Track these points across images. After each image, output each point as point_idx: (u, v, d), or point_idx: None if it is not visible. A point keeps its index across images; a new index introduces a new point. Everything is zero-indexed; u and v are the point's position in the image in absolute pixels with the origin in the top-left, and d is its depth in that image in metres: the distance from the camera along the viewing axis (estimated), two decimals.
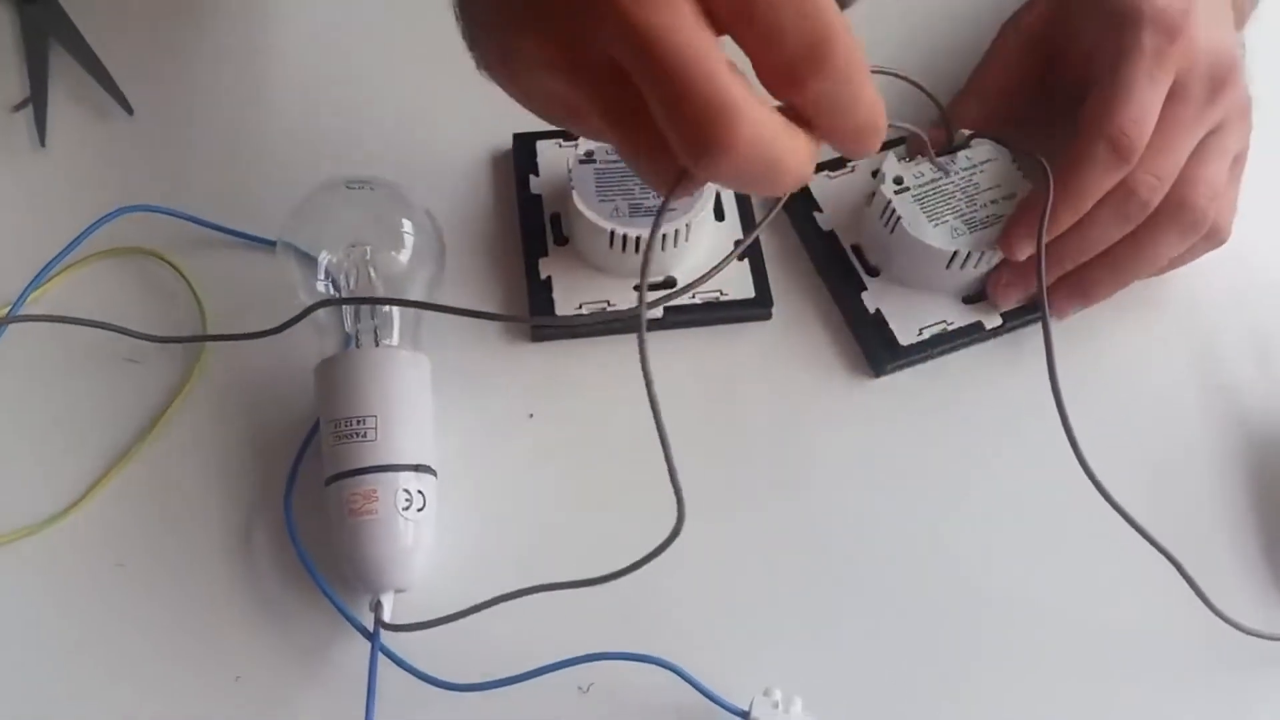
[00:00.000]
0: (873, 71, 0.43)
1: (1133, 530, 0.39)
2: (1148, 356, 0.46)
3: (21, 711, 0.38)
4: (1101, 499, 0.39)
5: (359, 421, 0.38)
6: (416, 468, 0.38)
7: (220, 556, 0.41)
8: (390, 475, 0.38)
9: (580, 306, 0.45)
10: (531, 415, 0.44)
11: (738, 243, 0.46)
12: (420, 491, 0.38)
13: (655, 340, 0.45)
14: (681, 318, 0.45)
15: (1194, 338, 0.47)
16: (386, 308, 0.41)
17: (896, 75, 0.43)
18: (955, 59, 0.50)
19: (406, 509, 0.37)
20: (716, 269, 0.41)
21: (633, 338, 0.45)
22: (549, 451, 0.43)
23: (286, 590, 0.40)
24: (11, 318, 0.44)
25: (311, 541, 0.39)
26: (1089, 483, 0.39)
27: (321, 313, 0.41)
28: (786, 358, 0.45)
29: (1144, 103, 0.41)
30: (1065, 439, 0.39)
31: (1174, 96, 0.41)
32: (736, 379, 0.45)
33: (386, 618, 0.37)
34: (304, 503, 0.40)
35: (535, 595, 0.36)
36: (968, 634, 0.40)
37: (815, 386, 0.45)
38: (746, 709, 0.36)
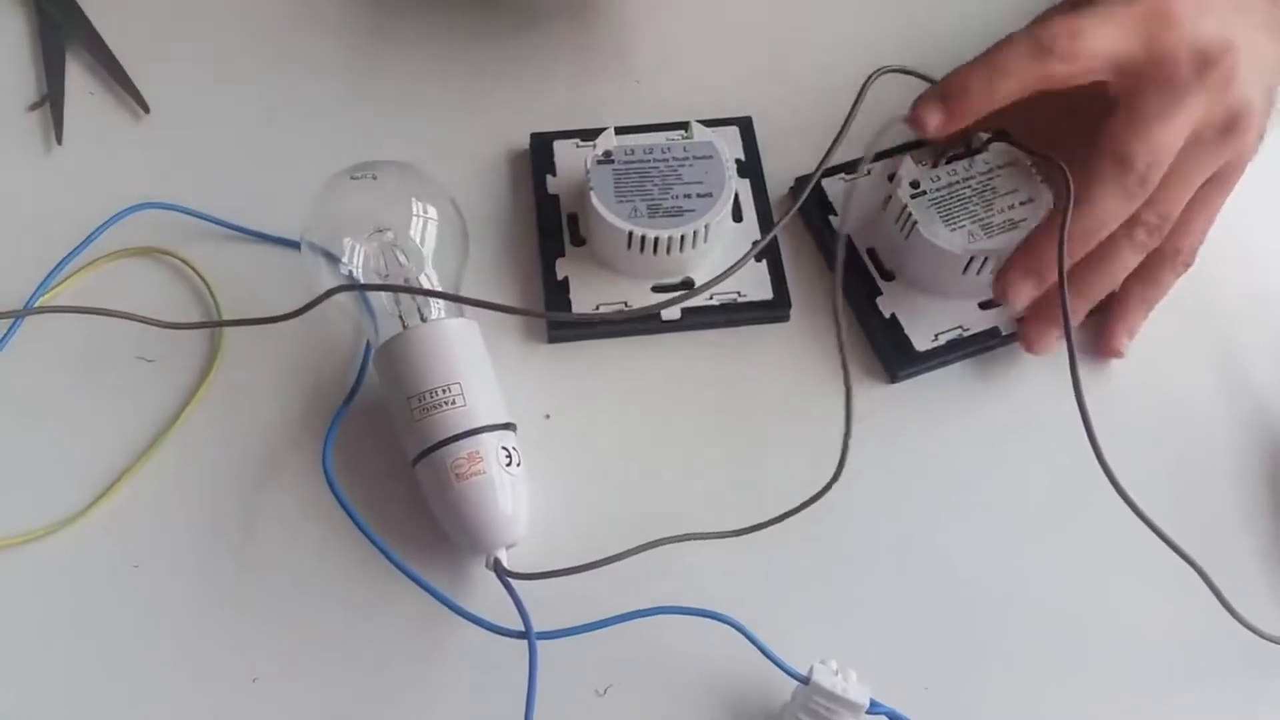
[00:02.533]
0: (892, 71, 0.44)
1: (1154, 535, 0.39)
2: (1166, 361, 0.46)
3: (36, 711, 0.38)
4: (1121, 504, 0.39)
5: (444, 390, 0.39)
6: (505, 425, 0.40)
7: (236, 557, 0.40)
8: (487, 436, 0.39)
9: (598, 307, 0.45)
10: (548, 416, 0.44)
11: (755, 243, 0.46)
12: (515, 448, 0.39)
13: (674, 341, 0.45)
14: (700, 319, 0.45)
15: (1213, 342, 0.47)
16: (426, 285, 0.42)
17: (917, 75, 0.43)
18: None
19: (508, 465, 0.39)
20: (732, 269, 0.41)
21: (649, 339, 0.46)
22: (566, 452, 0.43)
23: (305, 589, 0.40)
24: (27, 310, 0.44)
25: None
26: (1108, 487, 0.39)
27: (347, 301, 0.42)
28: (804, 359, 0.45)
29: (1167, 140, 0.40)
30: (1085, 444, 0.39)
31: (1192, 139, 0.41)
32: (755, 380, 0.45)
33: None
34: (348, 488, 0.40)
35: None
36: (989, 635, 0.40)
37: (832, 389, 0.45)
38: (807, 674, 0.36)
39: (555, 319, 0.45)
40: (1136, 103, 0.40)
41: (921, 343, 0.45)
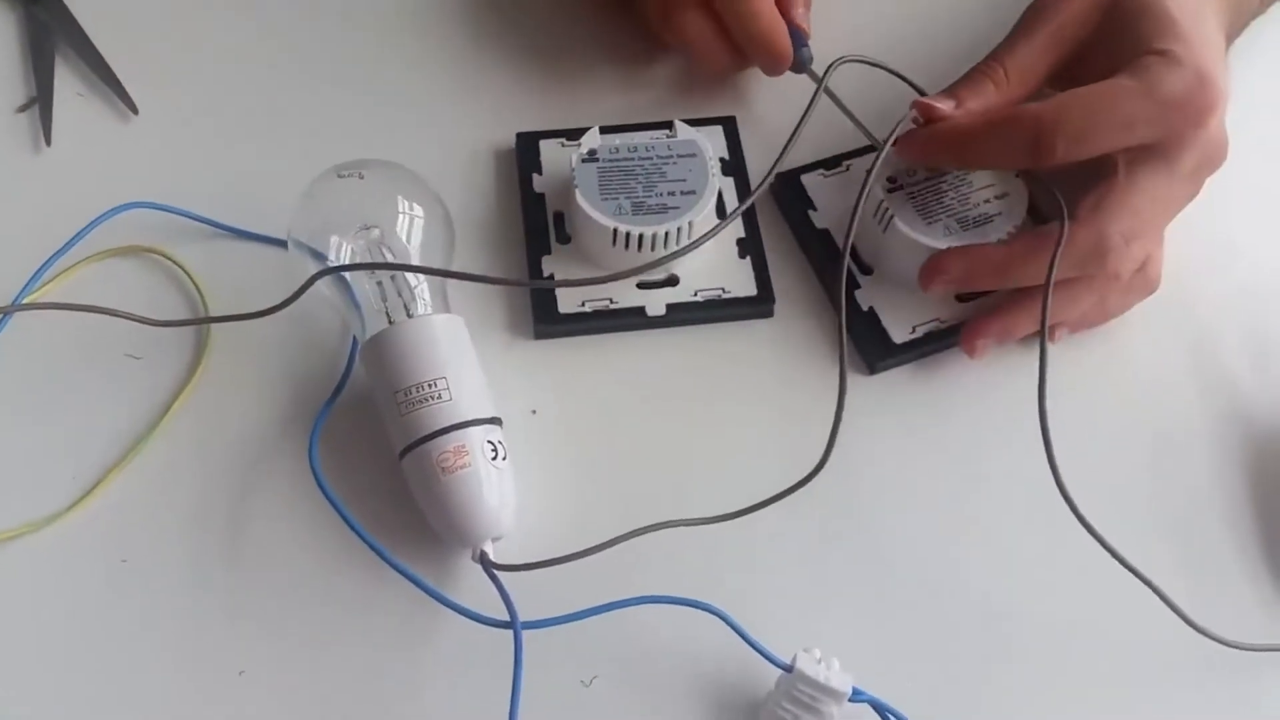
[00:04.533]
0: (849, 61, 0.45)
1: (1126, 533, 0.39)
2: (1142, 358, 0.47)
3: (24, 707, 0.38)
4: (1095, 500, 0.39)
5: (431, 385, 0.39)
6: (490, 420, 0.40)
7: (223, 551, 0.41)
8: (472, 430, 0.39)
9: (583, 304, 0.45)
10: (534, 411, 0.44)
11: (715, 227, 0.47)
12: (500, 442, 0.40)
13: (658, 337, 0.46)
14: (684, 315, 0.46)
15: (1190, 339, 0.47)
16: (413, 281, 0.42)
17: (872, 63, 0.45)
18: (945, 53, 0.50)
19: (494, 459, 0.39)
20: (689, 247, 0.43)
21: (634, 335, 0.46)
22: (552, 447, 0.43)
23: (292, 582, 0.40)
24: (14, 307, 0.44)
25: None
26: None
27: (333, 297, 0.42)
28: (788, 354, 0.46)
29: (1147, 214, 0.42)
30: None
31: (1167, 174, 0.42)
32: (740, 375, 0.45)
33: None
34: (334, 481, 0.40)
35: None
36: (970, 629, 0.41)
37: (815, 383, 0.45)
38: (790, 663, 0.37)
39: (537, 285, 0.46)
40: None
41: (899, 335, 0.45)
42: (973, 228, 0.44)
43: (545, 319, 0.45)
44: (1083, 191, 0.42)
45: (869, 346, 0.45)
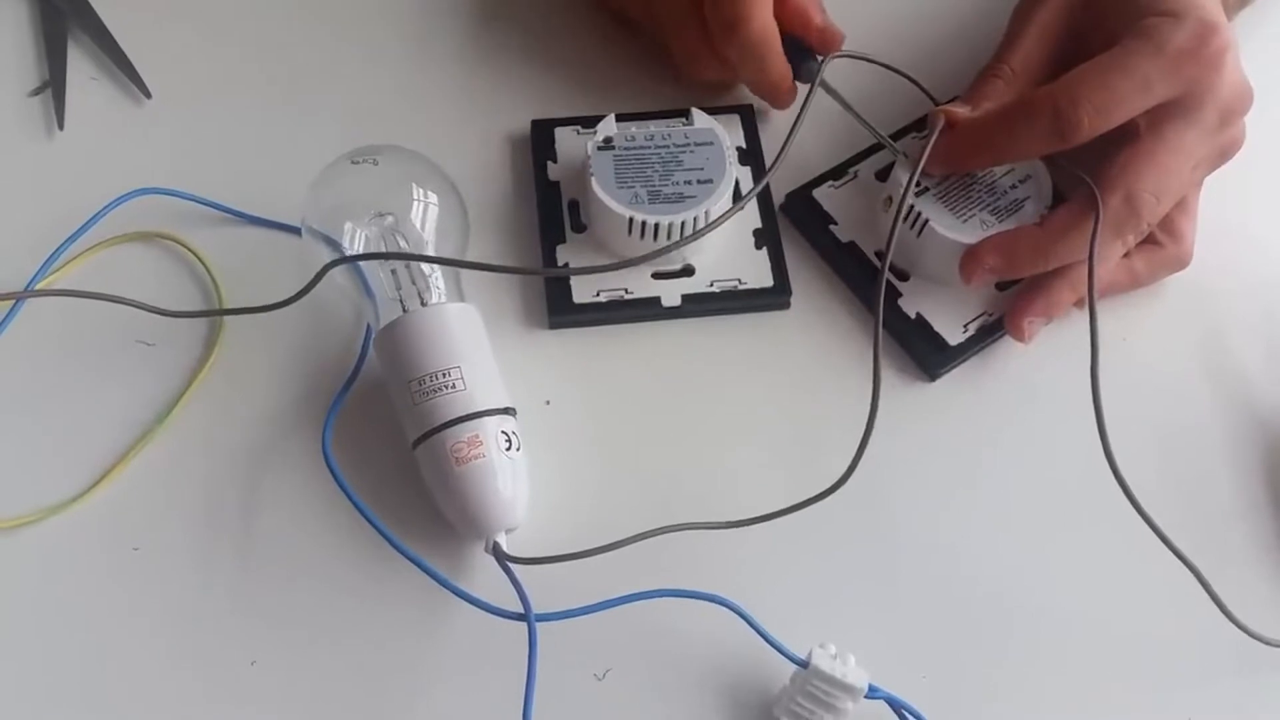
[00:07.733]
0: (840, 57, 0.45)
1: (1152, 533, 0.39)
2: (1159, 349, 0.46)
3: (34, 694, 0.38)
4: (1123, 499, 0.39)
5: (444, 374, 0.39)
6: (504, 410, 0.40)
7: (236, 541, 0.40)
8: (486, 420, 0.39)
9: (598, 294, 0.45)
10: (548, 402, 0.44)
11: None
12: (514, 432, 0.39)
13: (674, 328, 0.45)
14: (700, 306, 0.45)
15: (1205, 330, 0.46)
16: (427, 270, 0.41)
17: (858, 57, 0.45)
18: (951, 52, 0.50)
19: (507, 449, 0.39)
20: (712, 224, 0.42)
21: (649, 326, 0.46)
22: (566, 438, 0.43)
23: (304, 573, 0.40)
24: (27, 293, 0.44)
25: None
26: (1111, 482, 0.39)
27: (347, 285, 0.42)
28: (805, 347, 0.45)
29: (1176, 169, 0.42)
30: (1091, 442, 0.39)
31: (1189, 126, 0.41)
32: (755, 368, 0.45)
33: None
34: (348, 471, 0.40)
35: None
36: (989, 626, 0.40)
37: (833, 378, 0.45)
38: (806, 658, 0.36)
39: (551, 273, 0.45)
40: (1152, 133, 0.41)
41: (953, 337, 0.44)
42: (1007, 216, 0.44)
43: (560, 309, 0.45)
44: (1107, 159, 0.42)
45: (926, 354, 0.44)
